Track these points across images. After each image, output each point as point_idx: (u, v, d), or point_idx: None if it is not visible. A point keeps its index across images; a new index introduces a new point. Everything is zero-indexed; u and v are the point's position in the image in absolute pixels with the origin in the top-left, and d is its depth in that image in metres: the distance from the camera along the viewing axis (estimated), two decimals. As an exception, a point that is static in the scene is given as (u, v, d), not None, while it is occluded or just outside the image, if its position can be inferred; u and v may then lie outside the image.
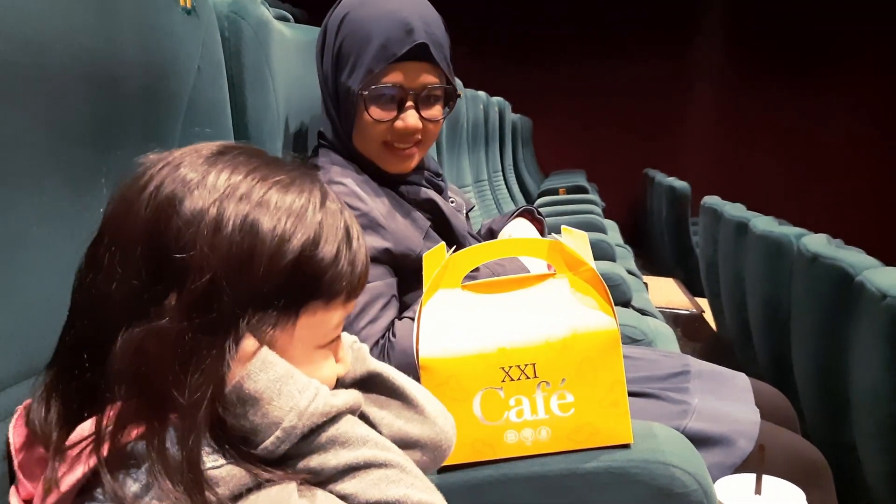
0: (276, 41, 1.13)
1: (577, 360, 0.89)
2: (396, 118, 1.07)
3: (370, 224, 1.04)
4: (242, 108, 1.01)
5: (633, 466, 0.89)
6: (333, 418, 0.56)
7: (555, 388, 0.89)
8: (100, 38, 0.68)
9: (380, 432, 0.64)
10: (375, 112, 1.06)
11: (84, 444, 0.52)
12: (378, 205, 1.07)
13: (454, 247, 0.97)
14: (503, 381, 0.89)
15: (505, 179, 4.67)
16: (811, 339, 1.89)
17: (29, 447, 0.56)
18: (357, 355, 0.67)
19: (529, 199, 4.98)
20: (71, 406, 0.55)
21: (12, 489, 0.56)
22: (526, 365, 0.89)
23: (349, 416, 0.58)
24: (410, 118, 1.07)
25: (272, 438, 0.54)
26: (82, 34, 0.67)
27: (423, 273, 0.93)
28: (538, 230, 1.34)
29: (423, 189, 1.16)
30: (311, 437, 0.55)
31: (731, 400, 1.19)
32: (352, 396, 0.59)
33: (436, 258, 0.94)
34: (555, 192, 4.59)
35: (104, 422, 0.52)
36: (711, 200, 3.24)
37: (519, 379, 0.89)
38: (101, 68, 0.71)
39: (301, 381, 0.57)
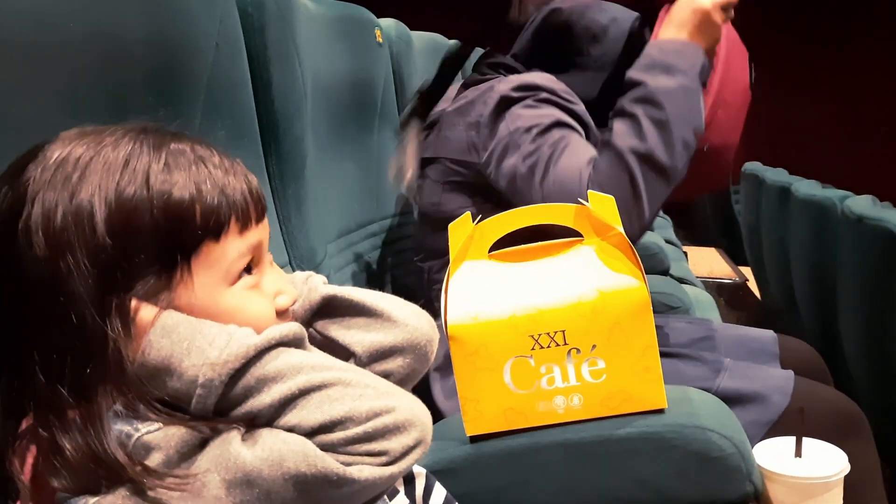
0: (302, 16, 1.12)
1: (607, 325, 0.87)
2: None
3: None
4: (266, 85, 1.00)
5: (669, 431, 0.88)
6: (258, 356, 0.54)
7: (585, 355, 0.88)
8: (113, 17, 0.69)
9: (354, 352, 0.64)
10: None
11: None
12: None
13: (479, 217, 0.96)
14: (533, 348, 0.88)
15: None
16: (858, 304, 1.84)
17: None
18: (310, 286, 0.65)
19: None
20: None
21: None
22: (555, 332, 0.88)
23: (281, 350, 0.55)
24: None
25: (196, 397, 0.53)
26: (96, 13, 0.67)
27: (450, 243, 0.92)
28: None
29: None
30: (237, 382, 0.53)
31: (760, 357, 1.17)
32: (277, 329, 0.56)
33: (462, 228, 0.93)
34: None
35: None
36: (752, 166, 3.17)
37: (549, 346, 0.88)
38: (116, 47, 0.71)
39: (210, 332, 0.55)
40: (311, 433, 0.52)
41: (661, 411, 0.89)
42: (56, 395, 0.53)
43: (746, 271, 3.65)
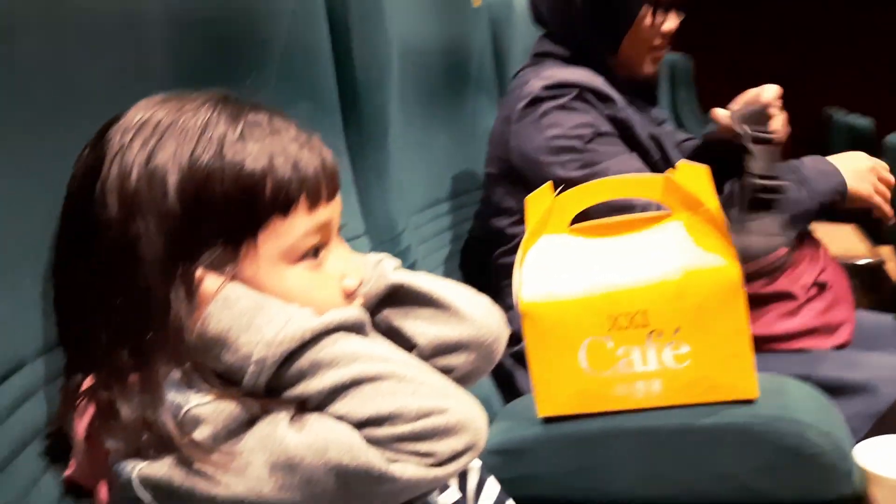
0: (388, -21, 1.10)
1: (693, 307, 0.81)
2: (664, 21, 1.21)
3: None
4: (347, 52, 0.99)
5: (758, 424, 0.81)
6: (315, 339, 0.52)
7: (668, 338, 0.82)
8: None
9: (416, 344, 0.61)
10: (659, 15, 1.20)
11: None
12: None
13: (562, 186, 0.91)
14: (610, 329, 0.83)
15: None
16: None
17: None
18: (379, 272, 0.63)
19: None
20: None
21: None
22: (635, 313, 0.83)
23: (340, 335, 0.53)
24: (672, 21, 1.22)
25: (248, 374, 0.52)
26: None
27: (526, 216, 0.88)
28: None
29: (650, 127, 1.22)
30: (291, 364, 0.52)
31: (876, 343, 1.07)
32: (338, 314, 0.54)
33: (540, 200, 0.89)
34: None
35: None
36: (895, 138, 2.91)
37: (628, 328, 0.83)
38: (187, 14, 0.71)
39: (271, 311, 0.53)
40: (359, 425, 0.50)
41: (751, 402, 0.83)
42: (117, 359, 0.53)
43: (886, 251, 3.38)
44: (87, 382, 0.55)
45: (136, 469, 0.50)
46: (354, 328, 0.55)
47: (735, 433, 0.82)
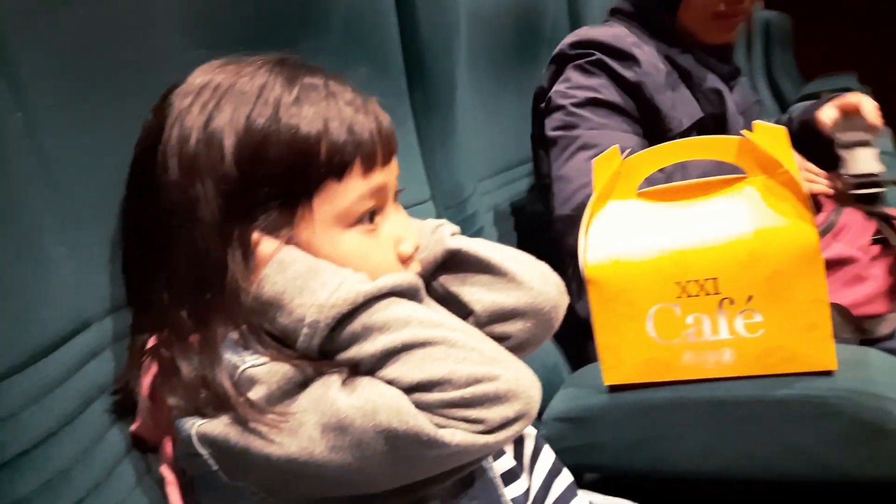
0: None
1: (766, 273, 0.78)
2: None
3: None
4: (412, 13, 0.97)
5: (835, 396, 0.77)
6: (368, 303, 0.52)
7: (740, 307, 0.79)
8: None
9: (473, 311, 0.61)
10: None
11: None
12: (655, 63, 1.10)
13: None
14: (679, 296, 0.81)
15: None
16: None
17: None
18: (437, 237, 0.62)
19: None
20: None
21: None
22: (705, 279, 0.80)
23: (392, 300, 0.53)
24: None
25: (302, 336, 0.52)
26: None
27: (594, 179, 0.86)
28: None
29: (714, 77, 1.15)
30: (344, 328, 0.52)
31: None
32: (391, 278, 0.53)
33: (608, 163, 0.86)
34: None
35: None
36: None
37: (697, 295, 0.80)
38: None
39: (325, 274, 0.53)
40: (409, 390, 0.50)
41: (829, 373, 0.79)
42: (178, 319, 0.54)
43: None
44: (152, 342, 0.57)
45: (195, 426, 0.52)
46: (408, 293, 0.54)
47: (810, 405, 0.78)
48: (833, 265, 1.01)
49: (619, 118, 1.08)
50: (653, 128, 1.09)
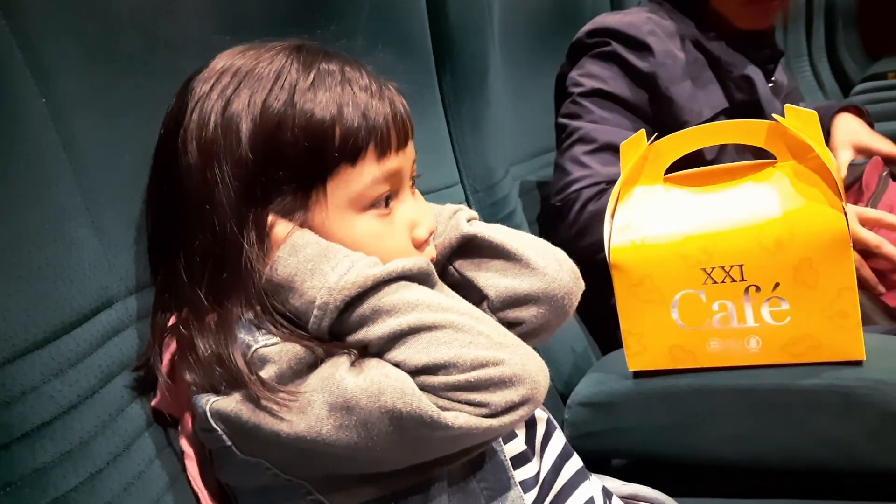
0: None
1: (793, 261, 0.76)
2: None
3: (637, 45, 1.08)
4: (441, -4, 0.97)
5: (863, 387, 0.76)
6: (377, 287, 0.53)
7: (766, 294, 0.78)
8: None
9: (487, 296, 0.61)
10: None
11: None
12: (673, 53, 1.09)
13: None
14: (704, 283, 0.80)
15: (812, 66, 4.11)
16: None
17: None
18: (453, 223, 0.63)
19: (848, 87, 4.35)
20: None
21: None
22: (731, 266, 0.79)
23: (402, 284, 0.54)
24: None
25: (312, 318, 0.53)
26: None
27: (620, 164, 0.85)
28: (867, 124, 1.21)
29: (746, 64, 1.13)
30: (353, 310, 0.53)
31: None
32: (401, 262, 0.54)
33: (634, 148, 0.85)
34: (882, 76, 3.94)
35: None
36: None
37: (723, 282, 0.79)
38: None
39: (335, 257, 0.54)
40: (414, 372, 0.51)
41: (858, 363, 0.77)
42: (196, 298, 0.56)
43: None
44: (173, 320, 0.59)
45: (210, 403, 0.53)
46: (418, 277, 0.55)
47: (838, 396, 0.77)
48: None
49: (623, 113, 1.08)
50: (666, 119, 1.08)
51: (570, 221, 1.04)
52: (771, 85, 1.18)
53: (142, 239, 0.61)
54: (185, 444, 0.59)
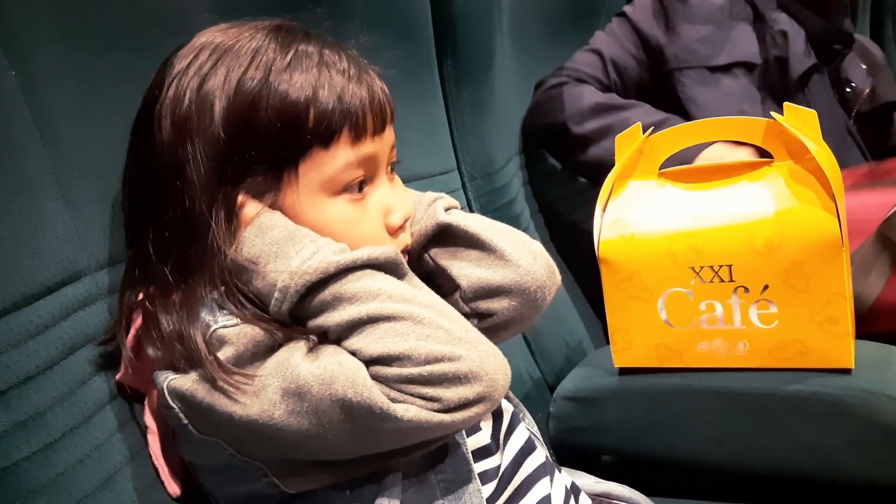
0: None
1: (783, 264, 0.75)
2: None
3: None
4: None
5: (850, 396, 0.74)
6: (339, 274, 0.52)
7: (755, 296, 0.76)
8: None
9: (460, 285, 0.61)
10: None
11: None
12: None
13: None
14: (692, 282, 0.78)
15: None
16: None
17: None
18: (431, 211, 0.62)
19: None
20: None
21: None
22: (720, 266, 0.77)
23: (367, 272, 0.53)
24: None
25: (273, 301, 0.53)
26: None
27: (615, 157, 0.84)
28: None
29: (790, 22, 1.10)
30: (314, 296, 0.52)
31: None
32: (367, 251, 0.53)
33: (629, 141, 0.84)
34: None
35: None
36: None
37: (711, 281, 0.78)
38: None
39: (300, 241, 0.54)
40: (369, 362, 0.51)
41: (846, 371, 0.76)
42: (162, 274, 0.56)
43: None
44: (141, 296, 0.59)
45: (168, 380, 0.54)
46: (385, 266, 0.55)
47: (823, 403, 0.75)
48: None
49: (631, 38, 1.14)
50: (659, 55, 1.13)
51: (533, 100, 1.14)
52: (848, 91, 1.15)
53: (118, 214, 0.62)
54: (149, 419, 0.59)
